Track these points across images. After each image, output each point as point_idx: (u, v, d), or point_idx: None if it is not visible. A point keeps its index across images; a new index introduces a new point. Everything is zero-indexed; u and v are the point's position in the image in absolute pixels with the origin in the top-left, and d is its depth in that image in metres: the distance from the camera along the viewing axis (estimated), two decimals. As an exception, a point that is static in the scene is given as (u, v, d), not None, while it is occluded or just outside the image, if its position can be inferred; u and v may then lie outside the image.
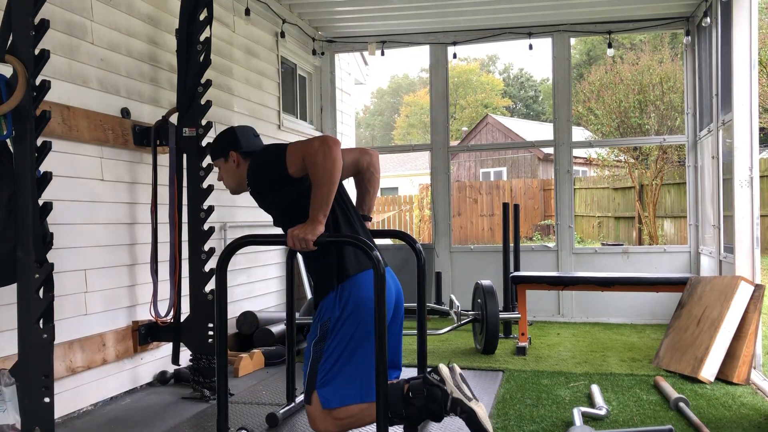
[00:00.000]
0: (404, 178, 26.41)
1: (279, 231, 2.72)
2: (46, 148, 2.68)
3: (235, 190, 2.82)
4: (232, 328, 4.81)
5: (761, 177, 9.64)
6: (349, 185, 3.07)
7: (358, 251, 2.58)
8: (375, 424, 2.39)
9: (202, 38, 3.78)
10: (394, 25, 6.45)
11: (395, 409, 2.56)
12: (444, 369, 2.64)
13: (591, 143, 8.64)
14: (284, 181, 2.55)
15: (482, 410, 2.59)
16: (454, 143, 19.42)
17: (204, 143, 3.80)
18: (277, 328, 4.80)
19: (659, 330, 5.56)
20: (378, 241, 3.03)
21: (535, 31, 6.31)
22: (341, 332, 2.55)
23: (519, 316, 4.92)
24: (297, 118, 6.43)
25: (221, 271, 2.51)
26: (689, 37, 6.07)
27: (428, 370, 2.68)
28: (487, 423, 2.57)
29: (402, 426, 2.93)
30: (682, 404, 3.36)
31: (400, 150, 9.17)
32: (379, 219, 16.59)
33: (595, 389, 3.65)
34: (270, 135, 5.55)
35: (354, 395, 2.56)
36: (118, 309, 3.75)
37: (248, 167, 2.69)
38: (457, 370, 2.69)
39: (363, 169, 2.90)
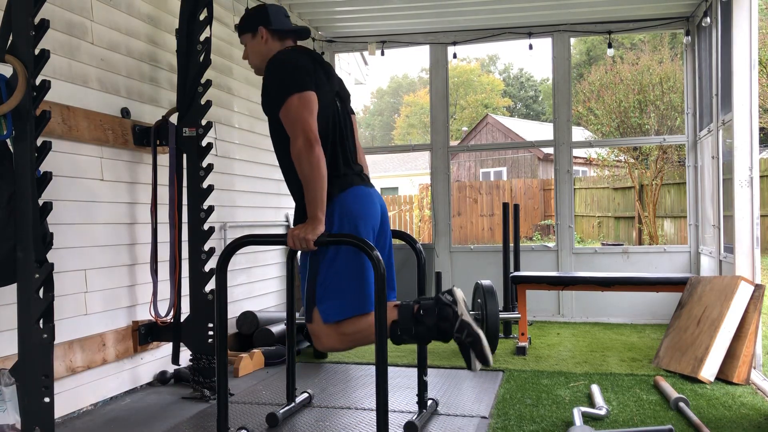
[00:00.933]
0: (404, 178, 26.42)
1: (278, 231, 2.74)
2: (46, 148, 2.68)
3: (259, 69, 2.84)
4: (232, 328, 4.81)
5: (761, 177, 9.63)
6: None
7: (341, 175, 2.65)
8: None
9: (202, 38, 3.78)
10: (394, 25, 6.45)
11: (406, 328, 2.56)
12: (458, 291, 2.63)
13: (591, 143, 8.64)
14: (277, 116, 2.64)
15: (484, 336, 2.59)
16: (454, 143, 19.41)
17: (204, 143, 3.80)
18: (277, 328, 4.79)
19: (659, 330, 5.56)
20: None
21: (535, 31, 6.31)
22: (333, 246, 2.59)
23: (519, 316, 4.92)
24: (297, 118, 6.42)
25: (221, 271, 2.51)
26: (689, 37, 6.07)
27: (441, 292, 2.68)
28: (489, 351, 2.58)
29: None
30: (682, 404, 3.36)
31: (400, 150, 9.18)
32: (379, 219, 16.56)
33: (595, 389, 3.65)
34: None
35: (353, 306, 2.58)
36: (118, 309, 3.75)
37: (268, 65, 2.71)
38: (460, 292, 2.69)
39: None
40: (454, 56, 6.60)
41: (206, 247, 3.76)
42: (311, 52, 2.81)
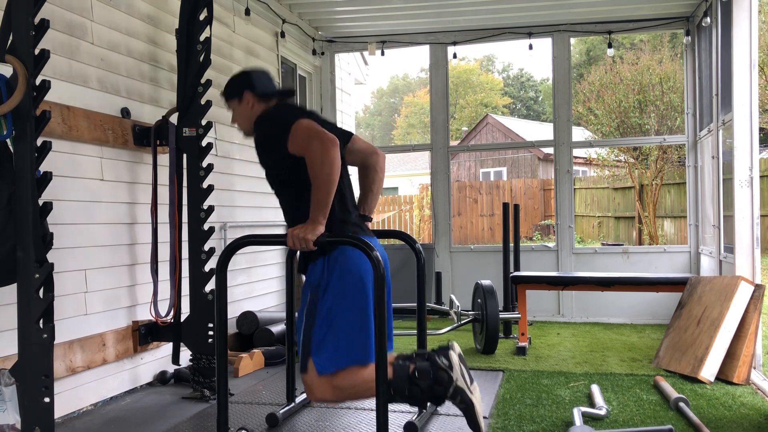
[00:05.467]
0: (404, 178, 26.40)
1: (278, 231, 2.74)
2: (46, 148, 2.68)
3: (248, 132, 2.83)
4: (232, 328, 4.81)
5: (761, 177, 9.63)
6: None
7: (338, 221, 2.60)
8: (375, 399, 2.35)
9: (202, 38, 3.78)
10: (394, 25, 6.45)
11: (399, 388, 2.54)
12: (454, 356, 2.61)
13: (591, 143, 8.65)
14: (283, 156, 2.58)
15: (479, 402, 2.60)
16: (454, 143, 19.41)
17: (204, 143, 3.81)
18: (277, 328, 4.79)
19: (659, 330, 5.56)
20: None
21: (535, 31, 6.31)
22: (332, 297, 2.55)
23: (519, 316, 4.92)
24: (297, 118, 6.42)
25: (221, 271, 2.51)
26: (689, 37, 6.07)
27: (435, 350, 2.65)
28: (481, 418, 2.59)
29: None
30: (682, 404, 3.36)
31: (400, 150, 9.19)
32: (379, 219, 16.58)
33: (595, 389, 3.65)
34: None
35: (348, 358, 2.54)
36: (118, 309, 3.75)
37: (257, 121, 2.71)
38: (458, 349, 2.67)
39: (369, 166, 2.94)
40: (454, 56, 6.60)
41: (206, 247, 3.76)
42: (297, 105, 2.79)
